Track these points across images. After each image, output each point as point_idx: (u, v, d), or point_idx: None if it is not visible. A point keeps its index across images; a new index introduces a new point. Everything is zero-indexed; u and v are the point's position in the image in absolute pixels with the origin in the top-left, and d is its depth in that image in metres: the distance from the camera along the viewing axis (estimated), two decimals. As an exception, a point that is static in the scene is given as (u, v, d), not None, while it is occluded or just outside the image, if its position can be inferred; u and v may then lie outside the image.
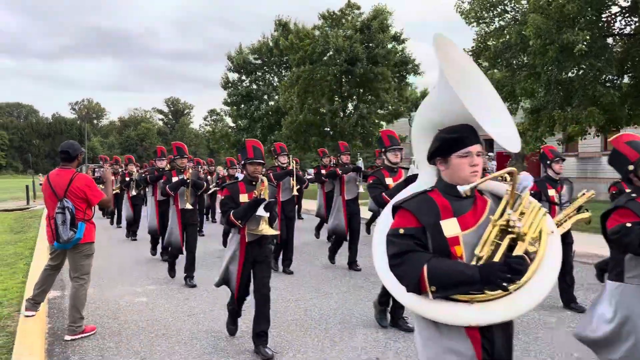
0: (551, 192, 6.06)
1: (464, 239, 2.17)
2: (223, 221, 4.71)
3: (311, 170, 35.27)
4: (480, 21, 14.72)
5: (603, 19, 13.35)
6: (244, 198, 4.85)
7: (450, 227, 2.18)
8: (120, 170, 13.92)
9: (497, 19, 14.57)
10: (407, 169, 6.27)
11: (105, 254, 9.65)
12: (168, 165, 8.92)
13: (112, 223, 15.01)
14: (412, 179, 5.37)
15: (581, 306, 5.99)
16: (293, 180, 8.46)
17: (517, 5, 14.32)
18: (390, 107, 29.37)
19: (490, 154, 24.86)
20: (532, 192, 2.41)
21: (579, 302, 6.08)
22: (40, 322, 5.46)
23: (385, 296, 5.35)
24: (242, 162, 5.19)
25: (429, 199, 2.26)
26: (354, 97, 30.49)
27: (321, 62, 28.41)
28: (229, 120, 42.41)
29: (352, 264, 8.46)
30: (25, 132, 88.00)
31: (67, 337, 5.15)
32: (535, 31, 11.73)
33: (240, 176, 9.45)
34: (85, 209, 5.29)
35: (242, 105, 38.11)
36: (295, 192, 8.60)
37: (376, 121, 30.00)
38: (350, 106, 31.03)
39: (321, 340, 5.11)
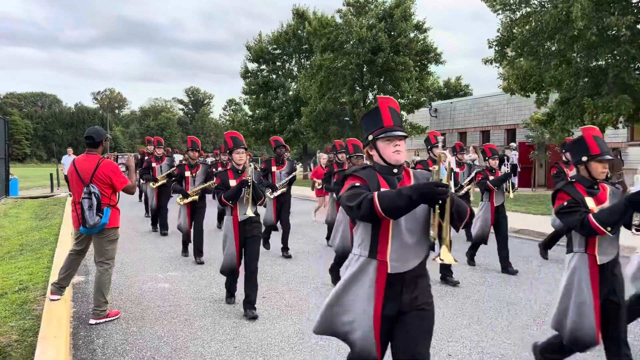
0: None
1: None
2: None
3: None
4: (505, 8, 14.38)
5: (634, 4, 12.95)
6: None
7: None
8: (198, 160, 8.83)
9: (523, 5, 14.21)
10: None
11: (127, 241, 9.75)
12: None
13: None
14: None
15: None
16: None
17: None
18: (411, 96, 29.07)
19: (512, 144, 24.56)
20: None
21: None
22: (65, 306, 5.52)
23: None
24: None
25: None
26: (375, 86, 30.25)
27: (343, 50, 28.20)
28: (247, 109, 42.53)
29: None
30: (49, 122, 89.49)
31: (92, 321, 5.21)
32: (581, 12, 11.35)
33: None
34: (110, 195, 5.34)
35: (261, 95, 38.14)
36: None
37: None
38: (370, 96, 30.80)
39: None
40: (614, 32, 11.79)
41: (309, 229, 11.81)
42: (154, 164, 11.15)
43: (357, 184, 2.71)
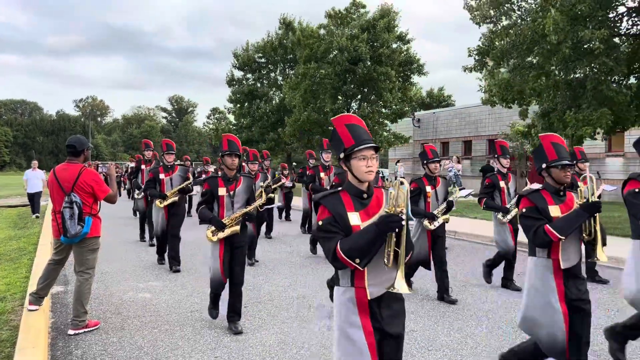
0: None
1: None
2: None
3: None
4: (487, 20, 14.63)
5: (610, 18, 13.27)
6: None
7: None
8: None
9: (504, 18, 14.47)
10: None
11: (109, 250, 9.66)
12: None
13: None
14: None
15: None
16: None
17: (525, 5, 14.22)
18: (393, 106, 29.31)
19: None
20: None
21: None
22: (43, 316, 5.45)
23: None
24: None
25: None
26: (358, 96, 30.44)
27: (325, 60, 28.39)
28: (231, 118, 42.45)
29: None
30: (29, 129, 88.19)
31: (71, 332, 5.15)
32: (554, 26, 11.62)
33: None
34: (92, 204, 5.32)
35: (246, 104, 38.13)
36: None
37: (380, 120, 29.92)
38: (354, 105, 31.02)
39: (325, 336, 5.09)
40: (588, 45, 12.06)
41: (293, 239, 11.80)
42: (162, 175, 8.49)
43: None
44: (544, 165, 3.65)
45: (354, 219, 2.66)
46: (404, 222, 2.53)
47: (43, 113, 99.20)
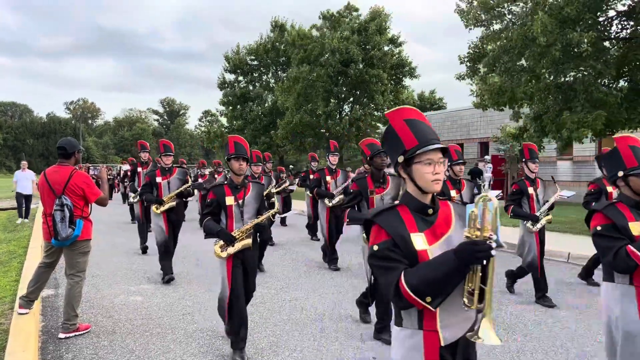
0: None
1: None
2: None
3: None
4: (478, 23, 14.73)
5: (600, 22, 13.42)
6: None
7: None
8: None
9: (495, 21, 14.59)
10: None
11: (100, 253, 9.60)
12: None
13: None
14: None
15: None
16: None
17: (515, 9, 14.34)
18: (385, 109, 29.43)
19: (486, 157, 24.97)
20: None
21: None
22: (33, 320, 5.40)
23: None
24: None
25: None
26: (350, 99, 30.56)
27: (318, 63, 28.48)
28: (224, 121, 42.42)
29: None
30: (19, 132, 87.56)
31: (61, 335, 5.11)
32: (542, 28, 11.73)
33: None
34: (82, 207, 5.29)
35: (238, 106, 38.12)
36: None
37: (372, 123, 30.04)
38: (346, 108, 31.13)
39: (317, 339, 5.09)
40: (577, 48, 12.19)
41: (287, 242, 11.78)
42: (158, 179, 7.78)
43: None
44: (620, 173, 3.07)
45: (419, 242, 2.04)
46: (494, 252, 1.88)
47: (33, 115, 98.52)
